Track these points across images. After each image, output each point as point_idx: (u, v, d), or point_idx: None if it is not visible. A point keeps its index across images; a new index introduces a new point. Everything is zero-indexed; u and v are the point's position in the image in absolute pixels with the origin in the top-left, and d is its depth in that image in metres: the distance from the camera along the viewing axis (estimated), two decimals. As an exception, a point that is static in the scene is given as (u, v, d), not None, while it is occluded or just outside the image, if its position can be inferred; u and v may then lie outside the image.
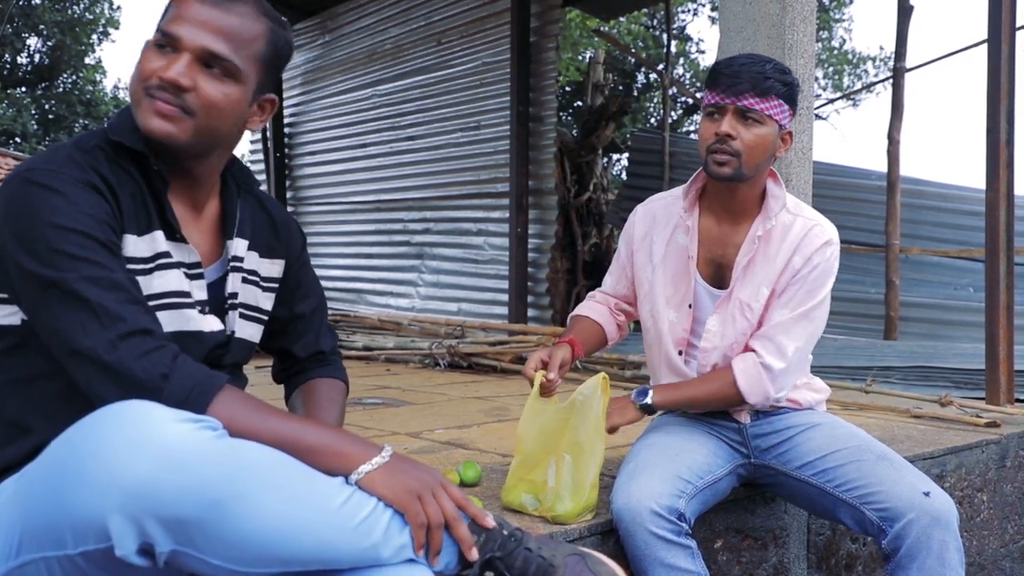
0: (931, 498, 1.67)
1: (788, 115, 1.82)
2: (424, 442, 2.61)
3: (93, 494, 1.02)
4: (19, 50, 19.73)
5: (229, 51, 1.24)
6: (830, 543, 2.26)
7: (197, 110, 1.24)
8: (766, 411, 1.91)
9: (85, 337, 1.14)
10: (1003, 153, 3.34)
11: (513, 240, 5.94)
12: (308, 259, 1.59)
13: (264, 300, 1.47)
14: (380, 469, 1.20)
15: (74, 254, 1.15)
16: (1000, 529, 2.72)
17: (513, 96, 5.90)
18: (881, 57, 17.88)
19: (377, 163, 7.28)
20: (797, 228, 1.85)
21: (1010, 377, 3.34)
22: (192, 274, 1.32)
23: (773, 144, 1.81)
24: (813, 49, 2.91)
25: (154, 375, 1.14)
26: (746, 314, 1.85)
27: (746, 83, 1.75)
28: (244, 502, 1.05)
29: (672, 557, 1.62)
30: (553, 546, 1.29)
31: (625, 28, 15.95)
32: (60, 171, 1.19)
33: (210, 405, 1.16)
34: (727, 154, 1.77)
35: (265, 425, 1.18)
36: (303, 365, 1.60)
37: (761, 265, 1.85)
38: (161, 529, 1.02)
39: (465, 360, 4.80)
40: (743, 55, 1.82)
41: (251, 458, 1.09)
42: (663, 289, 1.93)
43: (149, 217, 1.27)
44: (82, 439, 1.06)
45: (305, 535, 1.09)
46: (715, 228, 1.91)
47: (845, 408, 3.18)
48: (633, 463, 1.78)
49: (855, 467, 1.76)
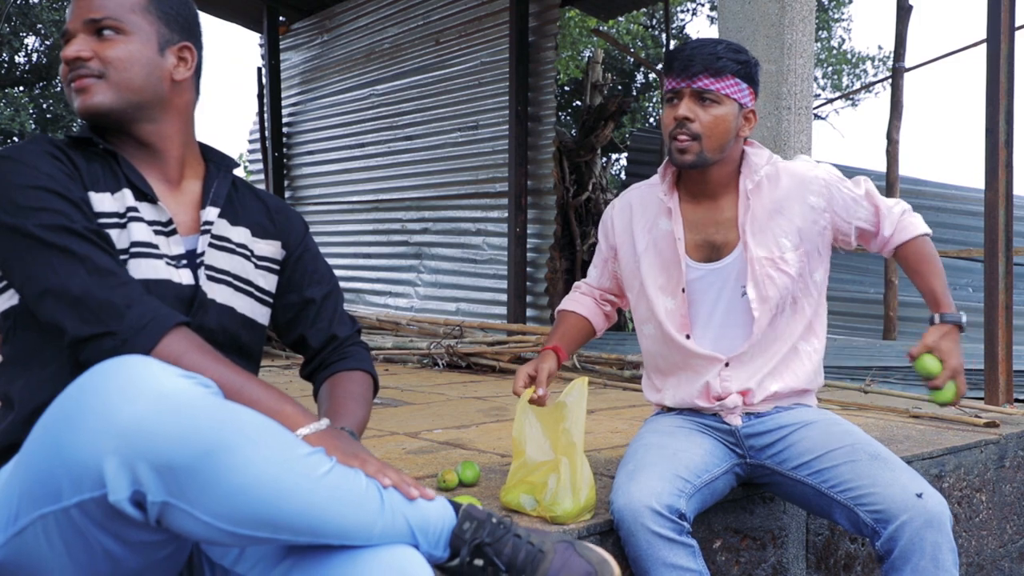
0: (924, 499, 1.66)
1: (748, 93, 1.83)
2: (423, 442, 2.60)
3: (89, 437, 1.04)
4: (17, 49, 19.70)
5: (107, 12, 1.36)
6: (829, 543, 2.26)
7: (103, 71, 1.35)
8: (758, 412, 1.91)
9: (55, 276, 1.23)
10: (1002, 153, 3.33)
11: (512, 240, 5.94)
12: (315, 248, 1.63)
13: (259, 277, 1.50)
14: (318, 434, 1.23)
15: (37, 206, 1.25)
16: (999, 529, 2.72)
17: (512, 96, 5.90)
18: (880, 57, 17.89)
19: (375, 163, 7.28)
20: (787, 175, 1.89)
21: (1009, 377, 3.34)
22: (165, 231, 1.38)
23: (734, 123, 1.82)
24: (812, 49, 2.91)
25: (119, 304, 1.22)
26: (781, 267, 1.86)
27: (698, 65, 1.77)
28: (235, 456, 1.06)
29: (674, 556, 1.61)
30: (542, 534, 1.29)
31: (624, 28, 15.94)
32: (24, 147, 1.31)
33: (163, 338, 1.22)
34: (687, 137, 1.80)
35: (212, 369, 1.22)
36: (322, 357, 1.60)
37: (771, 218, 1.87)
38: (154, 475, 1.03)
39: (464, 360, 4.79)
40: (696, 39, 1.84)
41: (243, 417, 1.10)
42: (654, 279, 1.93)
43: (117, 181, 1.36)
44: (80, 391, 1.09)
45: (292, 498, 1.08)
46: (697, 210, 1.92)
47: (844, 408, 3.18)
48: (632, 463, 1.78)
49: (849, 468, 1.75)
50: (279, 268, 1.55)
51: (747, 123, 1.85)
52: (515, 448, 1.78)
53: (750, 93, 1.83)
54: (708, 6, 16.79)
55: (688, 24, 17.45)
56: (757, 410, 1.90)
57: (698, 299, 1.90)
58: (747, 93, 1.83)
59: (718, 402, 1.90)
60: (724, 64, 1.78)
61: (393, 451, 2.44)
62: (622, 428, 2.85)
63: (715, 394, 1.90)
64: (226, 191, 1.49)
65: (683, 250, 1.90)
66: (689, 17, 17.40)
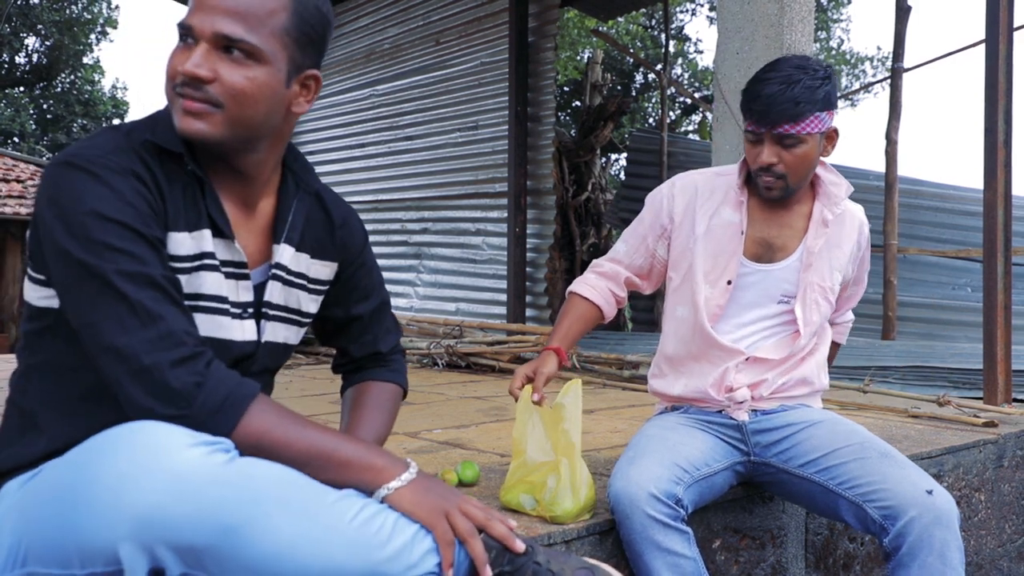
0: (934, 496, 1.67)
1: (829, 118, 1.82)
2: (422, 442, 2.60)
3: (103, 521, 1.02)
4: (17, 50, 19.71)
5: (244, 31, 1.16)
6: (828, 543, 2.26)
7: (224, 100, 1.17)
8: (765, 409, 1.92)
9: (123, 334, 1.10)
10: (1001, 153, 3.34)
11: (511, 240, 5.95)
12: (370, 259, 1.53)
13: (308, 303, 1.42)
14: (408, 486, 1.20)
15: (114, 245, 1.11)
16: (998, 529, 2.73)
17: (511, 96, 5.91)
18: (879, 57, 17.91)
19: (375, 163, 7.28)
20: (849, 215, 1.97)
21: (1008, 377, 3.35)
22: (237, 274, 1.28)
23: (817, 152, 1.84)
24: (811, 49, 2.91)
25: (188, 383, 1.11)
26: (828, 297, 1.94)
27: (777, 114, 1.76)
28: (256, 526, 1.05)
29: (668, 541, 1.62)
30: (562, 560, 1.27)
31: (623, 28, 15.95)
32: (106, 159, 1.14)
33: (244, 416, 1.14)
34: (772, 178, 1.83)
35: (301, 436, 1.17)
36: (360, 364, 1.58)
37: (829, 250, 1.93)
38: (172, 555, 1.02)
39: (463, 360, 4.80)
40: (773, 78, 1.77)
41: (262, 481, 1.08)
42: (702, 263, 1.93)
43: (198, 213, 1.23)
44: (92, 462, 1.05)
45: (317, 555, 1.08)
46: (764, 210, 1.93)
47: (843, 408, 3.18)
48: (632, 451, 1.78)
49: (858, 464, 1.76)
50: (329, 287, 1.46)
51: (829, 143, 1.87)
52: (515, 448, 1.78)
53: (830, 116, 1.81)
54: (707, 6, 16.79)
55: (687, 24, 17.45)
56: (764, 407, 1.91)
57: (739, 295, 1.92)
58: (828, 118, 1.81)
59: (728, 394, 1.91)
60: (803, 108, 1.75)
61: (394, 451, 2.44)
62: (622, 428, 2.85)
63: (727, 385, 1.91)
64: (303, 219, 1.38)
65: (743, 244, 1.91)
66: (688, 17, 17.42)
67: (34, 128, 20.71)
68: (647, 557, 1.62)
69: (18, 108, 20.30)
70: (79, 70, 21.02)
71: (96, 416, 1.16)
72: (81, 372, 1.20)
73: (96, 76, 21.58)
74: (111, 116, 21.27)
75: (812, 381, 1.96)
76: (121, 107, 21.82)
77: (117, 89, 22.20)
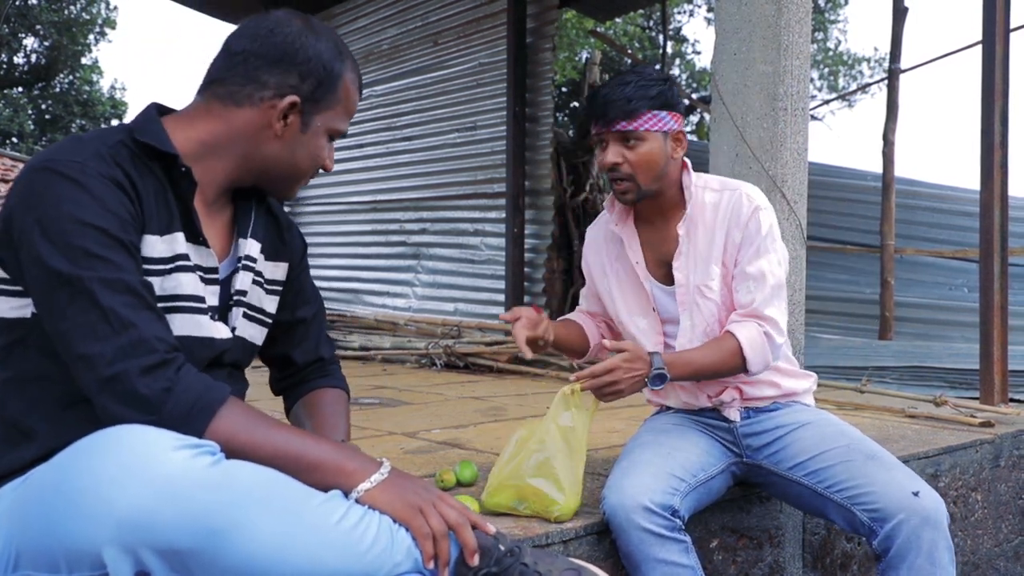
0: (920, 498, 1.67)
1: (671, 118, 1.83)
2: (421, 442, 2.61)
3: (88, 524, 1.02)
4: (16, 50, 19.69)
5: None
6: (825, 542, 2.27)
7: None
8: (756, 408, 1.92)
9: (95, 342, 1.12)
10: (997, 154, 3.35)
11: (509, 240, 5.95)
12: (308, 264, 1.58)
13: (268, 302, 1.45)
14: (379, 485, 1.20)
15: (92, 252, 1.13)
16: (994, 528, 2.74)
17: (509, 96, 5.92)
18: (876, 58, 17.91)
19: (374, 163, 7.28)
20: (725, 203, 1.88)
21: (1004, 377, 3.36)
22: (208, 279, 1.31)
23: (662, 153, 1.83)
24: (808, 50, 2.92)
25: (156, 390, 1.12)
26: (707, 295, 1.87)
27: (613, 111, 1.80)
28: (241, 530, 1.05)
29: (665, 552, 1.62)
30: (550, 561, 1.28)
31: (621, 29, 15.95)
32: (85, 164, 1.16)
33: (213, 419, 1.15)
34: (622, 179, 1.84)
35: (268, 440, 1.18)
36: (303, 374, 1.58)
37: (703, 247, 1.88)
38: (157, 558, 1.03)
39: (461, 360, 4.80)
40: (610, 83, 1.84)
41: (247, 484, 1.08)
42: (624, 303, 1.98)
43: (171, 217, 1.25)
44: (77, 465, 1.06)
45: (302, 557, 1.08)
46: (652, 229, 1.95)
47: (840, 408, 3.19)
48: (626, 461, 1.79)
49: (844, 468, 1.76)
50: (282, 290, 1.50)
51: (678, 144, 1.86)
52: (520, 443, 1.73)
53: (672, 117, 1.84)
54: (705, 8, 16.79)
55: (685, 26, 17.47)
56: (755, 405, 1.92)
57: (668, 317, 1.93)
58: (669, 119, 1.83)
59: (716, 398, 1.92)
60: (636, 105, 1.79)
61: (391, 451, 2.45)
62: (620, 428, 2.86)
63: (713, 392, 1.92)
64: (264, 217, 1.43)
65: (644, 273, 1.93)
66: (686, 18, 17.42)
67: (33, 128, 20.70)
68: (645, 568, 1.63)
69: (17, 108, 20.28)
70: (78, 70, 21.00)
71: (88, 419, 1.16)
72: (61, 380, 1.20)
73: (95, 76, 21.55)
74: (110, 116, 21.25)
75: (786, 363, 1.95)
76: (120, 107, 21.79)
77: (116, 89, 22.14)
